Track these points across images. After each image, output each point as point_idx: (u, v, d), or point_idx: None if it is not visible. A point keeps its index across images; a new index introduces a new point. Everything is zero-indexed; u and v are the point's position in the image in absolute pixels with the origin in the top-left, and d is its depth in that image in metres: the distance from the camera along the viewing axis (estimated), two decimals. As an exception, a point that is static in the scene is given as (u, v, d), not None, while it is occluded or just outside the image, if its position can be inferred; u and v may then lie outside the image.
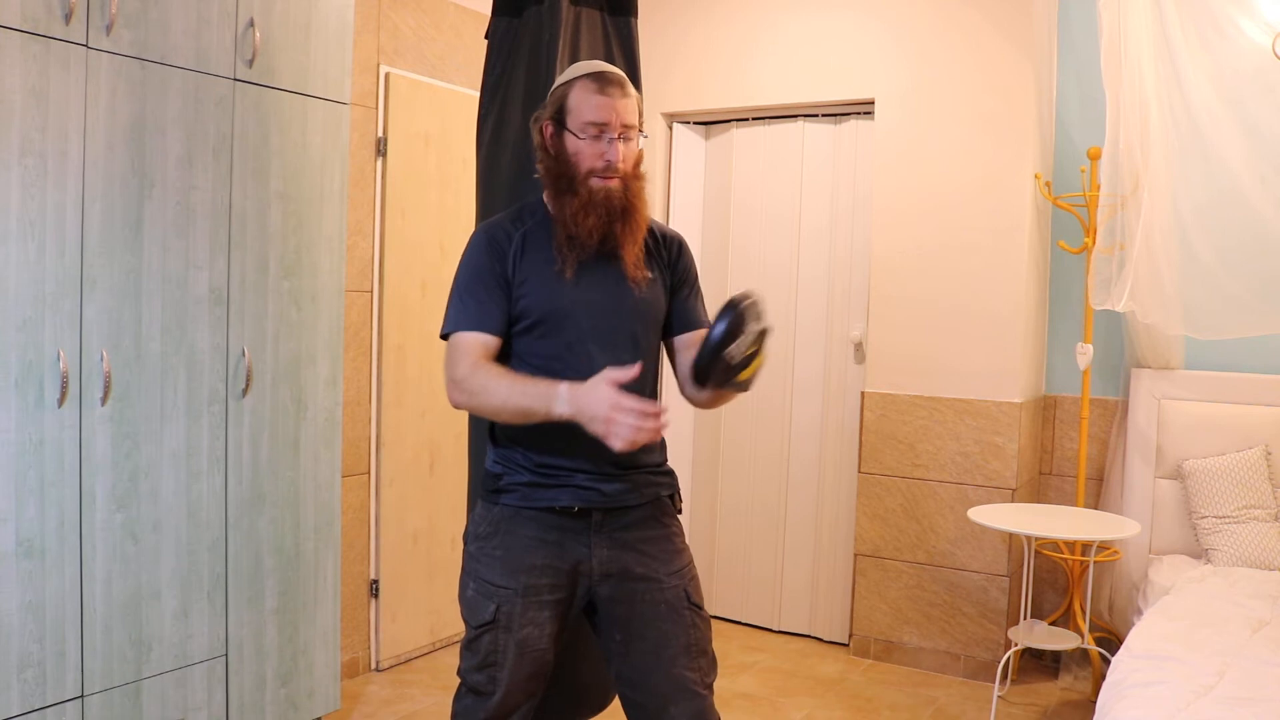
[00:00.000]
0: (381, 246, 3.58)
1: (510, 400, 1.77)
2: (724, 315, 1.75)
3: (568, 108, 1.88)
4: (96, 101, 2.27)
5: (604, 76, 1.89)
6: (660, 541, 1.97)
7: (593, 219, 1.86)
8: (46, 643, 2.24)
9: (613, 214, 1.87)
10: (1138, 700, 2.20)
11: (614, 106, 1.86)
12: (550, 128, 1.91)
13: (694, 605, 1.96)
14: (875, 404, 3.93)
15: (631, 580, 1.93)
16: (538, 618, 1.89)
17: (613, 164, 1.87)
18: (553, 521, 1.91)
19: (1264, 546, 3.29)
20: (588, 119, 1.86)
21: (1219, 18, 3.38)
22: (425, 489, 3.79)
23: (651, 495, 1.97)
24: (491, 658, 1.89)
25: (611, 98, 1.86)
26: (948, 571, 3.80)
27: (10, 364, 2.16)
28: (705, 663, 1.95)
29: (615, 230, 1.88)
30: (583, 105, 1.86)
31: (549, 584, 1.90)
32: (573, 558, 1.91)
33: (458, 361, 1.84)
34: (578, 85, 1.89)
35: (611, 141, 1.86)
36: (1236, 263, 3.41)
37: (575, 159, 1.87)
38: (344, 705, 3.22)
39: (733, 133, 4.34)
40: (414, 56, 3.69)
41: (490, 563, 1.92)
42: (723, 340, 1.74)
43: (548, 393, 1.73)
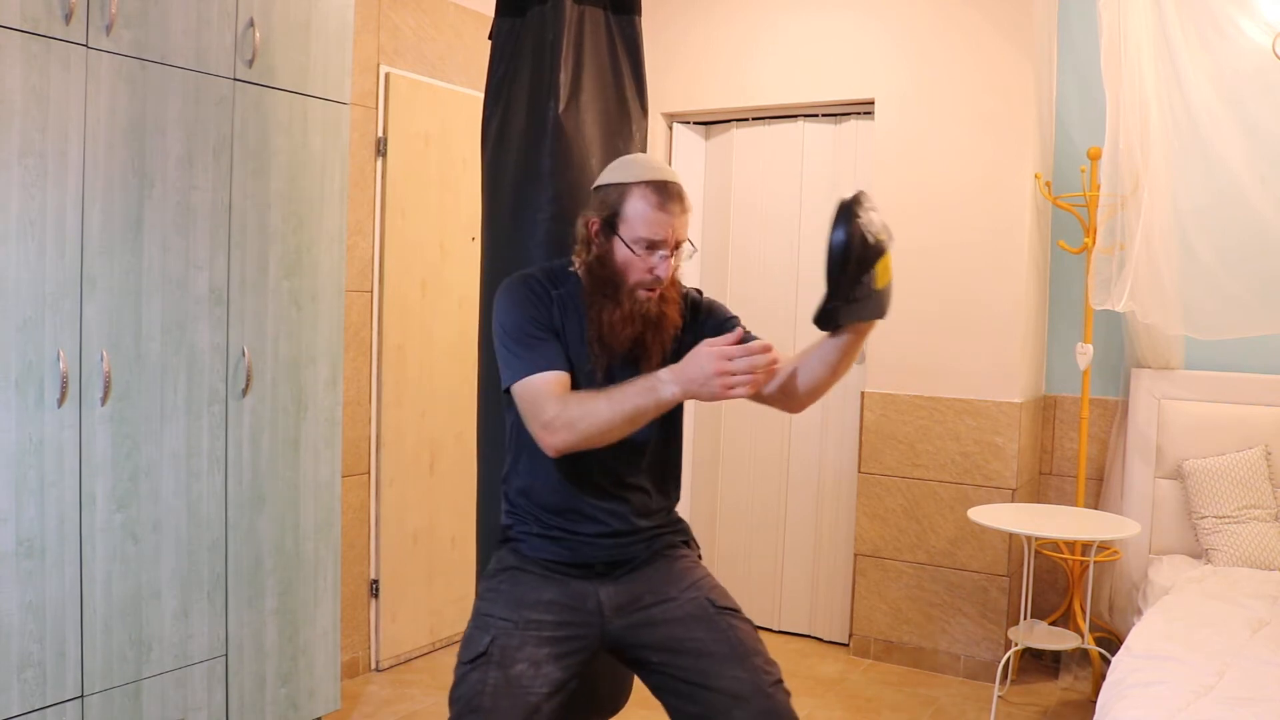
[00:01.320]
0: (381, 246, 3.58)
1: (617, 411, 1.70)
2: (838, 217, 1.60)
3: (623, 215, 1.81)
4: (96, 101, 2.27)
5: (666, 189, 1.81)
6: (665, 568, 1.94)
7: (629, 331, 1.83)
8: (46, 643, 2.24)
9: (647, 325, 1.84)
10: (1138, 700, 2.20)
11: (672, 224, 1.80)
12: (598, 226, 1.84)
13: (724, 609, 1.89)
14: (875, 404, 3.93)
15: (644, 606, 1.88)
16: (535, 654, 1.78)
17: (661, 280, 1.83)
18: (559, 569, 1.89)
19: (1264, 546, 3.29)
20: (644, 234, 1.79)
21: (1219, 18, 3.38)
22: (425, 489, 3.79)
23: (660, 546, 1.95)
24: (477, 701, 1.72)
25: (671, 215, 1.80)
26: (948, 571, 3.80)
27: (10, 364, 2.16)
28: (761, 661, 1.84)
29: (645, 339, 1.85)
30: (640, 219, 1.79)
31: (553, 620, 1.84)
32: (580, 594, 1.88)
33: (542, 406, 1.75)
34: (636, 193, 1.81)
35: (664, 259, 1.81)
36: (1236, 263, 3.41)
37: (623, 269, 1.82)
38: (344, 705, 3.22)
39: (733, 133, 4.34)
40: (414, 56, 3.69)
41: (495, 598, 1.88)
42: (847, 239, 1.57)
43: (649, 385, 1.69)
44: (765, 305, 4.18)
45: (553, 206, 2.26)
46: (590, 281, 1.85)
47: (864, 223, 1.61)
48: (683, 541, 2.00)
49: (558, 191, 2.26)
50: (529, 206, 2.28)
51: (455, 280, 3.82)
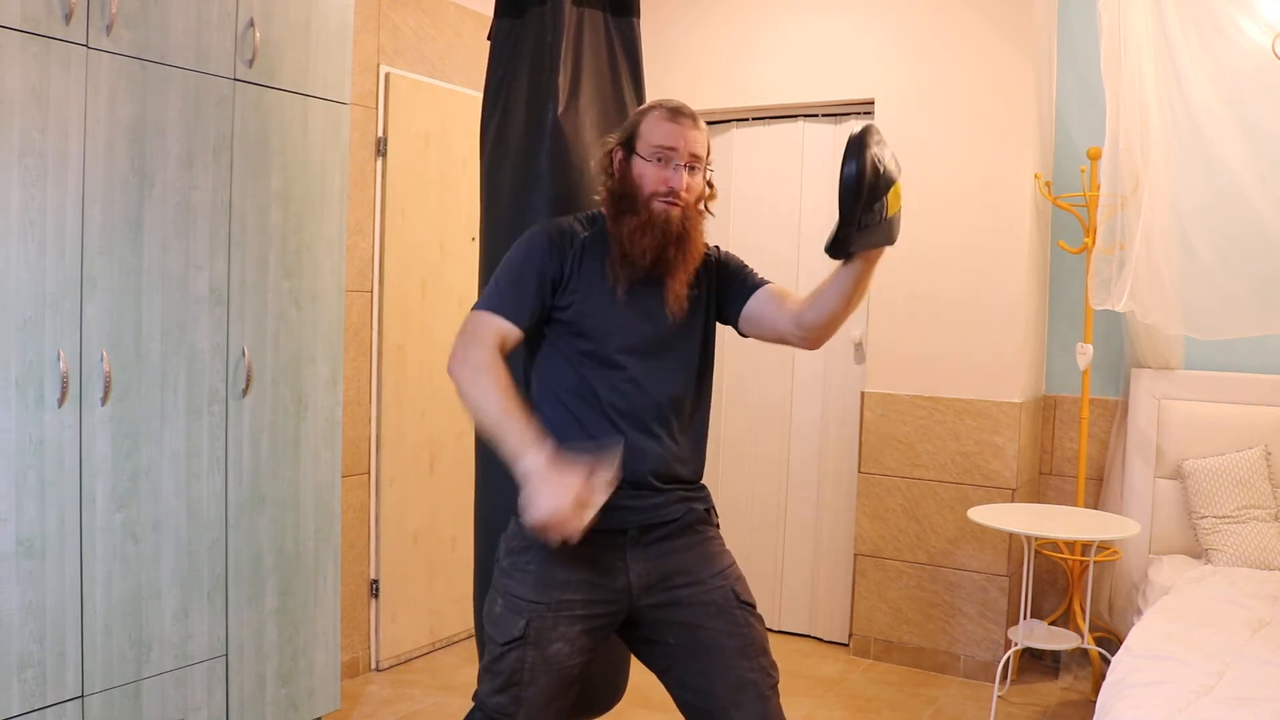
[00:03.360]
0: (381, 246, 3.58)
1: (494, 422, 1.74)
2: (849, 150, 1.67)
3: (638, 133, 1.92)
4: (96, 101, 2.27)
5: (678, 109, 1.93)
6: (697, 547, 1.94)
7: (648, 239, 1.87)
8: (46, 643, 2.24)
9: (668, 238, 1.88)
10: (1138, 700, 2.20)
11: (683, 134, 1.89)
12: (619, 153, 1.94)
13: (744, 604, 1.92)
14: (875, 404, 3.93)
15: (672, 586, 1.90)
16: (569, 633, 1.85)
17: (676, 189, 1.89)
18: (588, 538, 1.83)
19: (1264, 546, 3.29)
20: (656, 143, 1.89)
21: (1219, 18, 3.38)
22: (425, 489, 3.79)
23: (685, 510, 1.95)
24: (517, 676, 1.83)
25: (682, 126, 1.90)
26: (947, 571, 3.80)
27: (10, 364, 2.16)
28: (766, 663, 1.90)
29: (668, 254, 1.89)
30: (653, 130, 1.90)
31: (583, 599, 1.86)
32: (609, 572, 1.88)
33: (474, 342, 1.83)
34: (651, 114, 1.93)
35: (677, 168, 1.89)
36: (1236, 263, 3.41)
37: (639, 181, 1.90)
38: (344, 705, 3.22)
39: (733, 133, 4.34)
40: (414, 56, 3.69)
41: (522, 578, 1.88)
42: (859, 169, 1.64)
43: (520, 447, 1.70)
44: (765, 305, 4.17)
45: (551, 208, 2.25)
46: (612, 205, 1.92)
47: (874, 154, 1.67)
48: (706, 510, 2.01)
49: (556, 193, 2.27)
50: (528, 208, 2.27)
51: (455, 280, 3.82)
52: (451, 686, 3.54)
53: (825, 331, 1.93)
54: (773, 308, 1.98)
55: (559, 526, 1.64)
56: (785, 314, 1.95)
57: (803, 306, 1.92)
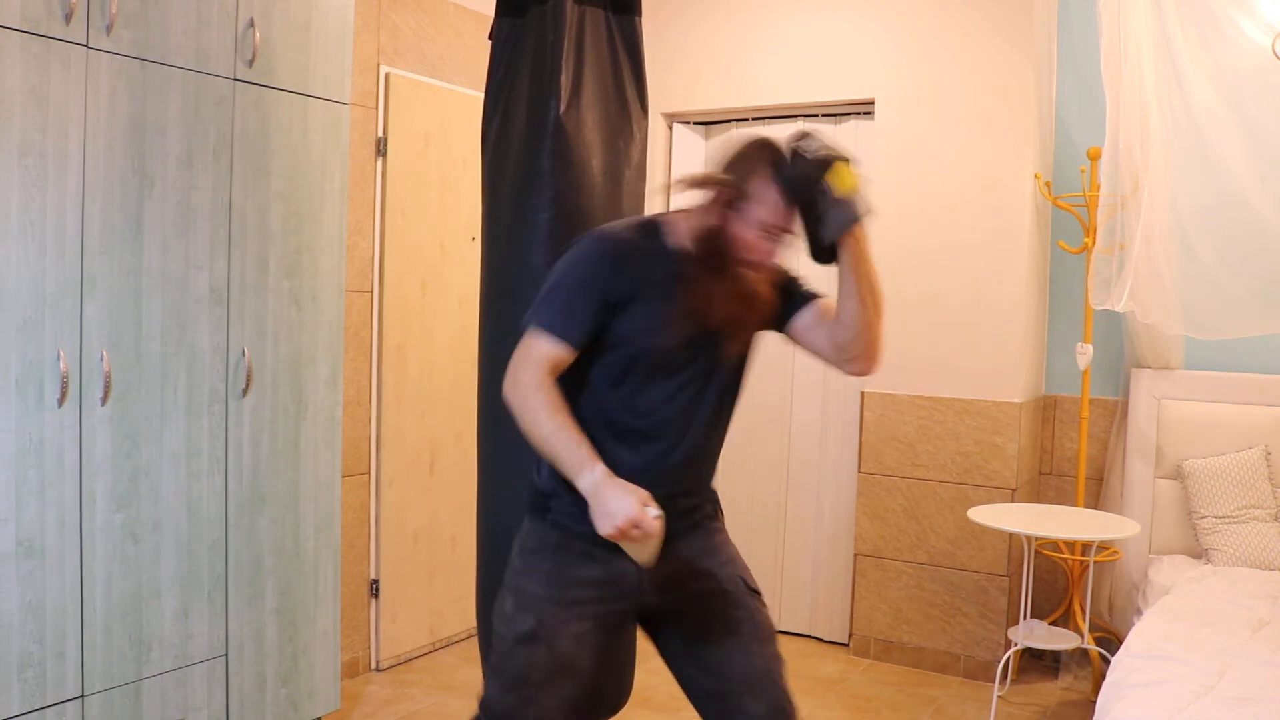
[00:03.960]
0: (381, 246, 3.58)
1: (548, 440, 1.72)
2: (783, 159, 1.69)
3: (753, 193, 1.77)
4: (96, 101, 2.27)
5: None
6: (702, 539, 1.94)
7: (729, 310, 1.79)
8: (46, 643, 2.24)
9: (744, 303, 1.81)
10: (1138, 700, 2.20)
11: (794, 214, 1.78)
12: (725, 195, 1.80)
13: (754, 591, 1.94)
14: (875, 404, 3.93)
15: (684, 578, 1.89)
16: (580, 630, 1.83)
17: (767, 265, 1.81)
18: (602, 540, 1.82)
19: (1264, 546, 3.29)
20: (769, 220, 1.77)
21: (1219, 18, 3.38)
22: (425, 489, 3.79)
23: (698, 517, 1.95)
24: (526, 675, 1.80)
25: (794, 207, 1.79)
26: (947, 571, 3.80)
27: (10, 364, 2.16)
28: (775, 650, 1.91)
29: (739, 318, 1.83)
30: (769, 202, 1.76)
31: (595, 596, 1.85)
32: (620, 571, 1.86)
33: (528, 365, 1.77)
34: (767, 180, 1.77)
35: (778, 245, 1.80)
36: (1236, 263, 3.41)
37: (738, 243, 1.78)
38: (344, 705, 3.22)
39: (733, 133, 4.33)
40: (414, 56, 3.69)
41: (535, 575, 1.86)
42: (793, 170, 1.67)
43: (582, 463, 1.69)
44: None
45: (553, 206, 2.26)
46: (699, 251, 1.80)
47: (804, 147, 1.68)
48: (713, 510, 2.00)
49: (558, 191, 2.27)
50: (529, 206, 2.28)
51: (455, 280, 3.82)
52: (451, 686, 3.54)
53: (860, 344, 1.84)
54: (815, 331, 1.89)
55: (635, 526, 1.63)
56: (825, 339, 1.88)
57: (833, 327, 1.86)
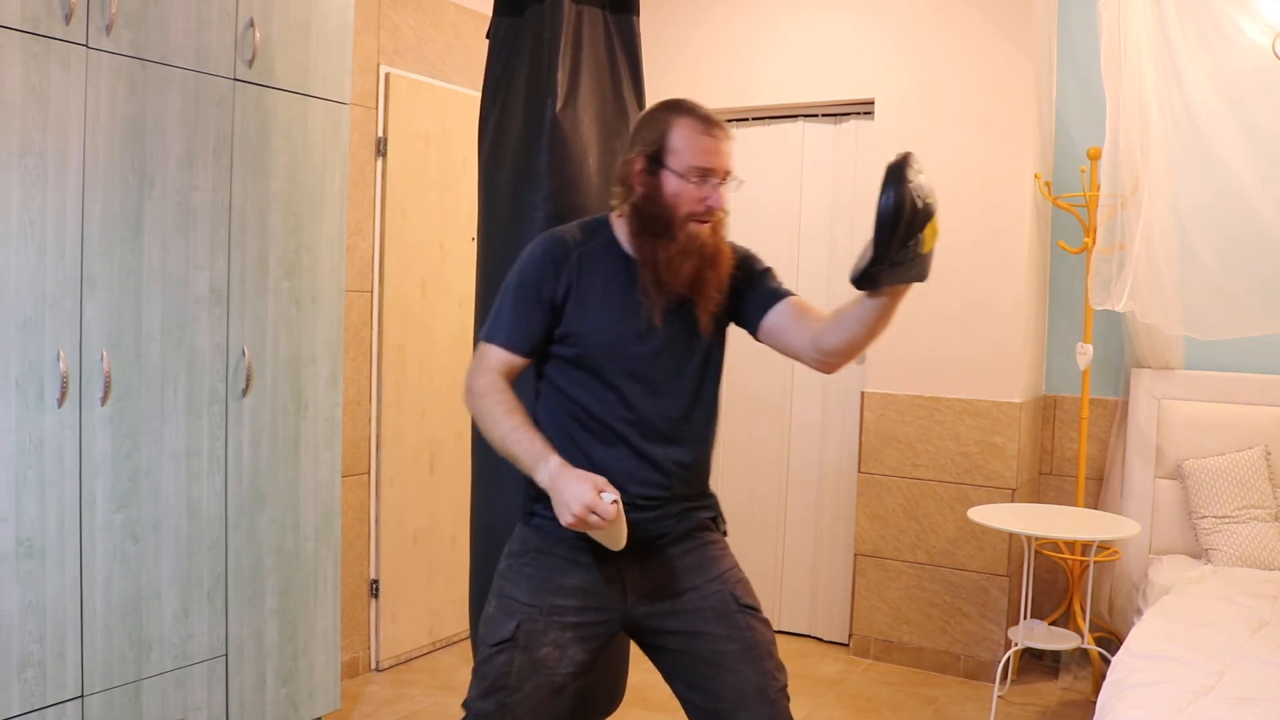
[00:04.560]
0: (381, 246, 3.58)
1: (505, 440, 1.75)
2: (887, 179, 1.59)
3: (669, 146, 1.78)
4: (96, 101, 2.27)
5: (710, 119, 1.81)
6: (693, 553, 1.90)
7: (689, 265, 1.78)
8: (46, 643, 2.24)
9: (705, 260, 1.80)
10: (1138, 700, 2.20)
11: (721, 150, 1.79)
12: (642, 163, 1.79)
13: (745, 607, 1.88)
14: (875, 404, 3.93)
15: (668, 595, 1.87)
16: (560, 638, 1.82)
17: (715, 210, 1.79)
18: (586, 544, 1.85)
19: (1264, 546, 3.29)
20: (695, 163, 1.77)
21: (1219, 18, 3.38)
22: (425, 489, 3.79)
23: (684, 521, 1.91)
24: (503, 680, 1.80)
25: (719, 140, 1.80)
26: (948, 571, 3.80)
27: (10, 364, 2.16)
28: (772, 666, 1.86)
29: (705, 276, 1.81)
30: (690, 147, 1.77)
31: (577, 605, 1.84)
32: (605, 582, 1.85)
33: (480, 373, 1.81)
34: (681, 126, 1.79)
35: (716, 187, 1.79)
36: (1236, 263, 3.41)
37: (673, 200, 1.77)
38: (344, 705, 3.22)
39: (732, 133, 4.33)
40: (414, 56, 3.69)
41: (519, 580, 1.86)
42: (898, 201, 1.57)
43: (538, 457, 1.71)
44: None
45: (549, 205, 2.26)
46: (638, 222, 1.80)
47: (914, 186, 1.61)
48: (710, 519, 1.96)
49: (554, 190, 2.27)
50: (526, 205, 2.28)
51: (455, 280, 3.82)
52: (451, 686, 3.54)
53: (843, 357, 1.83)
54: (792, 324, 1.87)
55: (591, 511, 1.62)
56: (804, 333, 1.85)
57: (823, 329, 1.82)
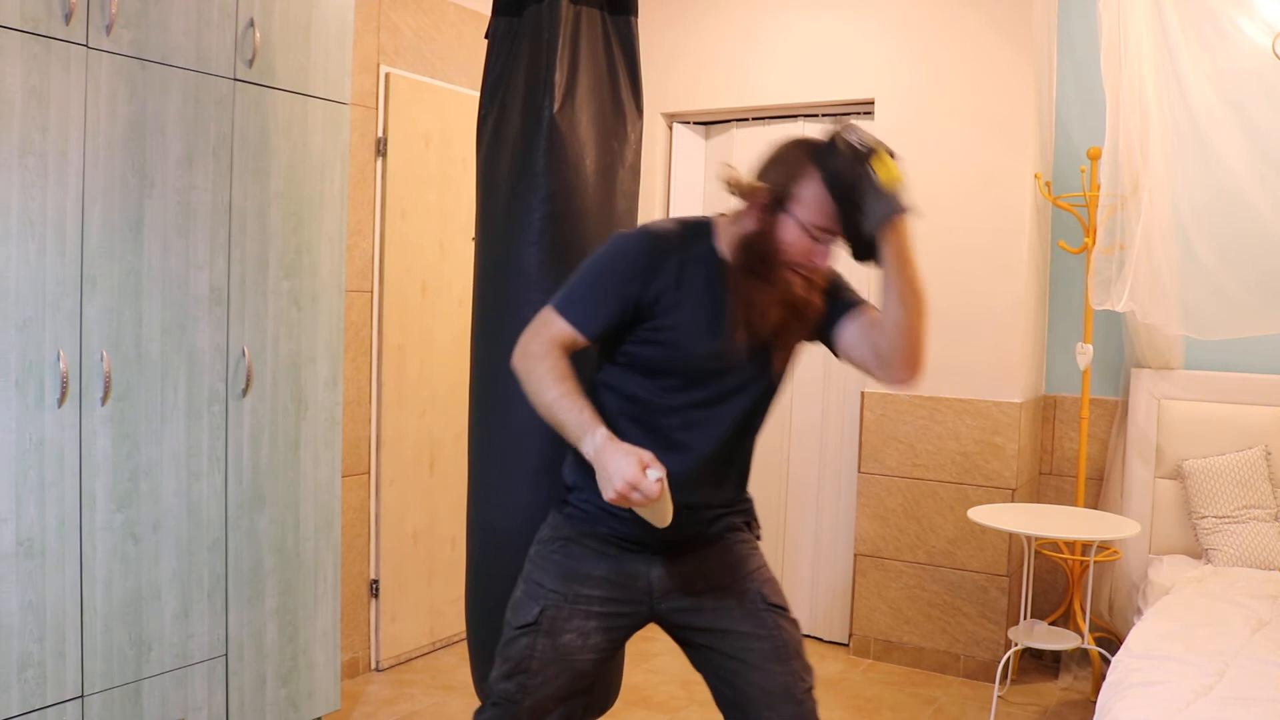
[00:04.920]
0: (381, 246, 3.58)
1: (553, 406, 1.69)
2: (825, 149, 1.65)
3: (797, 195, 1.73)
4: (96, 101, 2.27)
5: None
6: (722, 553, 1.90)
7: (779, 314, 1.76)
8: (46, 643, 2.24)
9: (794, 311, 1.78)
10: (1138, 700, 2.20)
11: (839, 213, 1.72)
12: (766, 199, 1.75)
13: (773, 606, 1.89)
14: (875, 404, 3.93)
15: (694, 592, 1.87)
16: (583, 626, 1.83)
17: (818, 269, 1.77)
18: (615, 538, 1.85)
19: (1264, 546, 3.29)
20: (818, 221, 1.72)
21: (1219, 18, 3.38)
22: (425, 489, 3.79)
23: (721, 525, 1.91)
24: (525, 664, 1.82)
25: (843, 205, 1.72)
26: (948, 571, 3.80)
27: (10, 364, 2.16)
28: (799, 666, 1.86)
29: (791, 327, 1.79)
30: (819, 203, 1.71)
31: (602, 595, 1.84)
32: (631, 573, 1.85)
33: (539, 338, 1.76)
34: (815, 181, 1.72)
35: (826, 249, 1.75)
36: (1236, 263, 3.41)
37: (784, 246, 1.74)
38: (344, 705, 3.22)
39: (733, 133, 4.34)
40: (414, 56, 3.69)
41: (546, 566, 1.87)
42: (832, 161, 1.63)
43: (585, 429, 1.65)
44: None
45: (547, 206, 2.26)
46: (742, 254, 1.76)
47: (847, 138, 1.65)
48: (744, 522, 1.96)
49: (552, 191, 2.27)
50: (523, 205, 2.28)
51: (455, 280, 3.82)
52: (451, 686, 3.54)
53: (900, 350, 1.73)
54: (860, 339, 1.82)
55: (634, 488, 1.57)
56: (869, 348, 1.80)
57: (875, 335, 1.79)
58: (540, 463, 2.26)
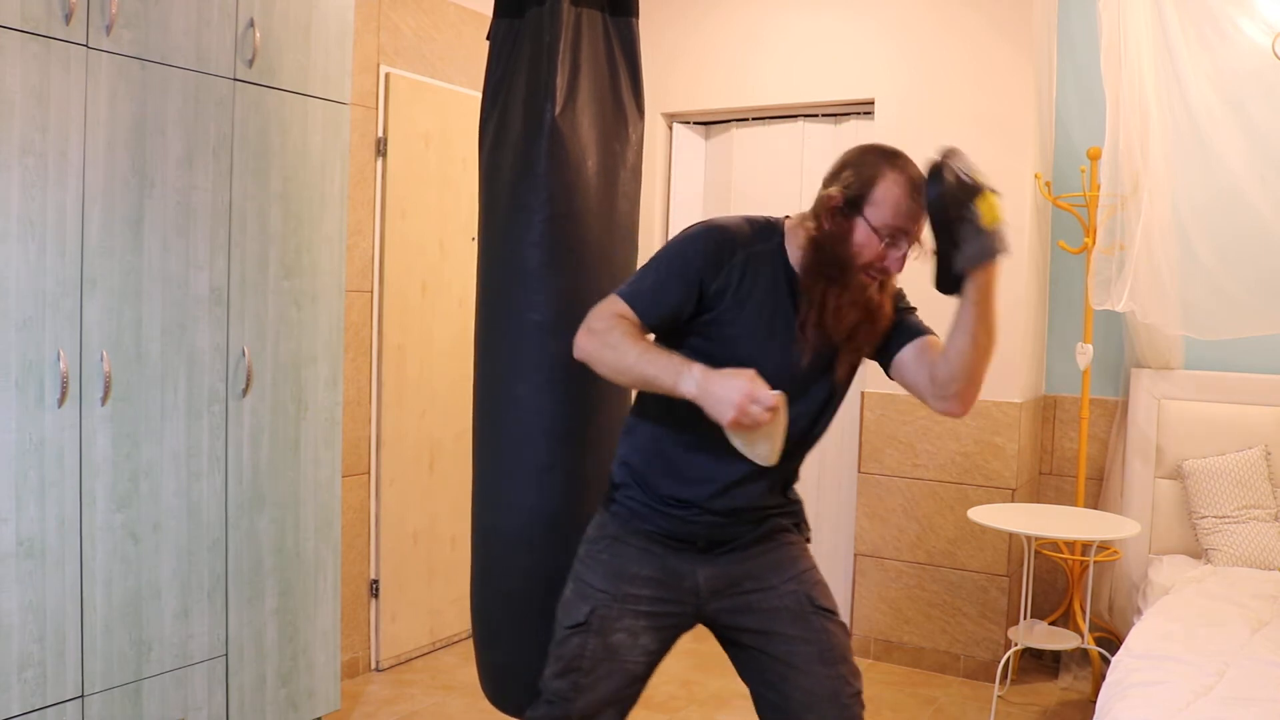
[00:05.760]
0: (381, 246, 3.58)
1: (638, 363, 1.67)
2: (930, 174, 1.63)
3: (872, 197, 1.74)
4: (96, 101, 2.27)
5: (919, 185, 1.74)
6: (769, 552, 1.89)
7: (852, 317, 1.76)
8: (46, 643, 2.24)
9: (868, 313, 1.77)
10: (1138, 700, 2.20)
11: (920, 217, 1.74)
12: (840, 202, 1.75)
13: (821, 609, 1.88)
14: (875, 404, 3.93)
15: (743, 592, 1.86)
16: (633, 626, 1.83)
17: (891, 272, 1.77)
18: (660, 541, 1.86)
19: (1264, 546, 3.29)
20: (893, 223, 1.73)
21: (1219, 18, 3.38)
22: (425, 489, 3.79)
23: (767, 527, 1.90)
24: (577, 663, 1.83)
25: (919, 205, 1.74)
26: (947, 571, 3.80)
27: (10, 364, 2.16)
28: (846, 670, 1.85)
29: (861, 330, 1.78)
30: (893, 205, 1.73)
31: (650, 595, 1.85)
32: (677, 572, 1.86)
33: (603, 316, 1.75)
34: (890, 180, 1.75)
35: (903, 250, 1.76)
36: (1236, 263, 3.41)
37: (858, 250, 1.74)
38: (344, 705, 3.22)
39: (733, 133, 4.34)
40: (414, 56, 3.69)
41: (595, 566, 1.88)
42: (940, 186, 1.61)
43: (679, 368, 1.63)
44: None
45: (548, 207, 2.26)
46: (814, 257, 1.76)
47: (956, 168, 1.64)
48: (793, 524, 1.95)
49: (553, 192, 2.27)
50: (525, 207, 2.28)
51: (455, 280, 3.82)
52: (452, 686, 3.54)
53: (959, 384, 1.75)
54: (915, 361, 1.83)
55: (753, 400, 1.57)
56: (924, 370, 1.81)
57: (936, 361, 1.79)
58: (543, 464, 2.26)
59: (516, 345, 2.28)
